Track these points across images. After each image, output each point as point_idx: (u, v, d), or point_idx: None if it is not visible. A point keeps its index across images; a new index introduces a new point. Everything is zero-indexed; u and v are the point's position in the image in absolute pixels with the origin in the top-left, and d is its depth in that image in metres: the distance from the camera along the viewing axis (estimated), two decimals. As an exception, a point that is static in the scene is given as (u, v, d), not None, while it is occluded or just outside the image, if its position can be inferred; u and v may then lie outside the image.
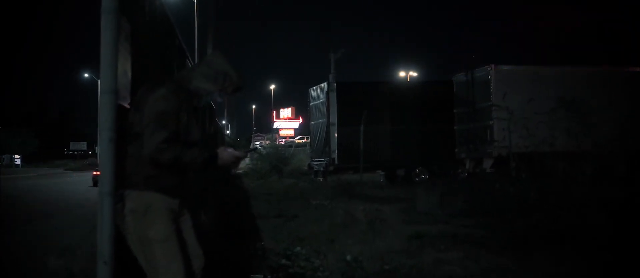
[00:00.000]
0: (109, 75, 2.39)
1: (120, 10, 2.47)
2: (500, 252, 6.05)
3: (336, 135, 20.09)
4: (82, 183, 24.69)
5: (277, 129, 63.77)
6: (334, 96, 20.35)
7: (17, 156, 60.89)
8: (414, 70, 48.80)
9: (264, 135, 64.69)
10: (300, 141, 52.66)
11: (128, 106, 2.81)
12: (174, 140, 2.63)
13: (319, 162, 21.34)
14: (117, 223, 2.53)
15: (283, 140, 56.23)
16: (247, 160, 21.39)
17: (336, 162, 20.12)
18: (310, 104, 22.65)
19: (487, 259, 5.74)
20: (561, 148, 7.49)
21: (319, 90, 21.73)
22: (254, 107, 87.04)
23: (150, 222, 2.64)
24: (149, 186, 2.66)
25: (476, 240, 6.82)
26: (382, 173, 21.02)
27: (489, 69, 17.34)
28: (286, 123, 65.28)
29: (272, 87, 75.09)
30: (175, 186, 2.75)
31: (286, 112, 66.03)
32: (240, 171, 27.94)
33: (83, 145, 74.97)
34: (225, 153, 2.85)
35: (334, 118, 20.22)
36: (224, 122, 34.47)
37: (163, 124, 2.61)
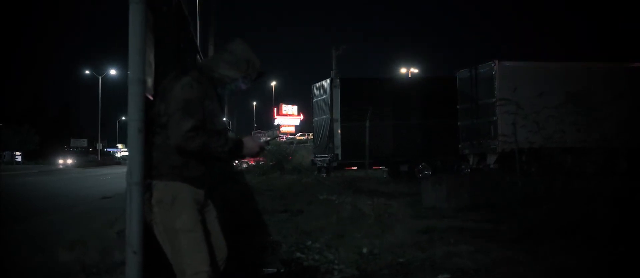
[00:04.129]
0: (137, 65, 2.40)
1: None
2: (510, 244, 6.07)
3: (339, 131, 20.12)
4: (82, 180, 24.67)
5: (278, 126, 63.69)
6: (337, 92, 20.37)
7: (17, 153, 60.90)
8: (416, 67, 48.74)
9: (264, 131, 64.65)
10: (301, 137, 52.60)
11: (152, 97, 2.81)
12: (201, 128, 2.63)
13: (322, 158, 21.36)
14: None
15: (284, 136, 56.16)
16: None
17: (339, 157, 20.17)
18: (314, 100, 22.63)
19: (497, 252, 5.76)
20: (570, 143, 7.52)
21: (322, 86, 21.73)
22: (254, 103, 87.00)
23: (177, 213, 2.65)
24: (176, 176, 2.67)
25: (485, 233, 6.83)
26: (386, 169, 21.05)
27: (493, 64, 17.31)
28: (287, 119, 65.23)
29: (273, 83, 75.06)
30: (201, 176, 2.76)
31: (287, 109, 65.97)
32: (243, 167, 27.92)
33: (83, 142, 74.94)
34: (251, 141, 2.86)
35: (337, 114, 20.24)
36: (224, 119, 34.39)
37: (189, 112, 2.61)
